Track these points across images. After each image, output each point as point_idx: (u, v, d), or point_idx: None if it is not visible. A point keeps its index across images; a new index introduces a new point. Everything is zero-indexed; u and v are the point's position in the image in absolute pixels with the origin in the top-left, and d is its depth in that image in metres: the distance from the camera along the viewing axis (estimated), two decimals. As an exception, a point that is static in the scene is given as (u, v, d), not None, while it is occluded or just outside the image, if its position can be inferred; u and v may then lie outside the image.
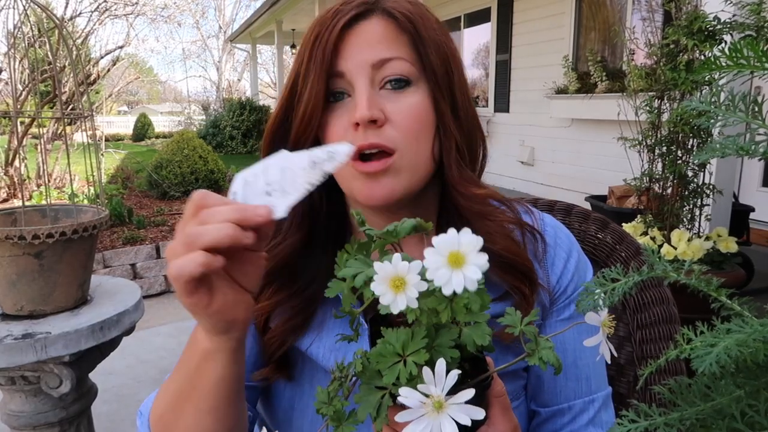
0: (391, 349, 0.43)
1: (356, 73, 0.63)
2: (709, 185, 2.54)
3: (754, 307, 0.39)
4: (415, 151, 0.65)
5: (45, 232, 1.35)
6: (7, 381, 1.40)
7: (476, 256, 0.40)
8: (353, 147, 0.51)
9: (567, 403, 0.71)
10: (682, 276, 0.42)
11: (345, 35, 0.64)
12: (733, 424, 0.35)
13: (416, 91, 0.65)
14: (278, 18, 11.11)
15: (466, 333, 0.44)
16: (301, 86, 0.65)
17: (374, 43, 0.64)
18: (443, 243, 0.41)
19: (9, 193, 5.45)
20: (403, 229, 0.47)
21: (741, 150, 0.38)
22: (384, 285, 0.42)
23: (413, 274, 0.41)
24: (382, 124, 0.63)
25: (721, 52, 0.36)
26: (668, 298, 0.86)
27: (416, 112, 0.64)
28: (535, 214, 0.75)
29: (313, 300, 0.71)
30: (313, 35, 0.65)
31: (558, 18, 5.87)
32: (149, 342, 3.26)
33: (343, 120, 0.65)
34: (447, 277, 0.40)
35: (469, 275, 0.40)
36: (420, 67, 0.65)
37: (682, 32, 2.28)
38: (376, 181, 0.64)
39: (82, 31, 5.96)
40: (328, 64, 0.63)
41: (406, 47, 0.65)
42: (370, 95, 0.63)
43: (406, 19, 0.64)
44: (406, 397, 0.40)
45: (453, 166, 0.67)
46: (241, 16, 25.28)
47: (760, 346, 0.33)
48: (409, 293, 0.41)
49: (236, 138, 11.34)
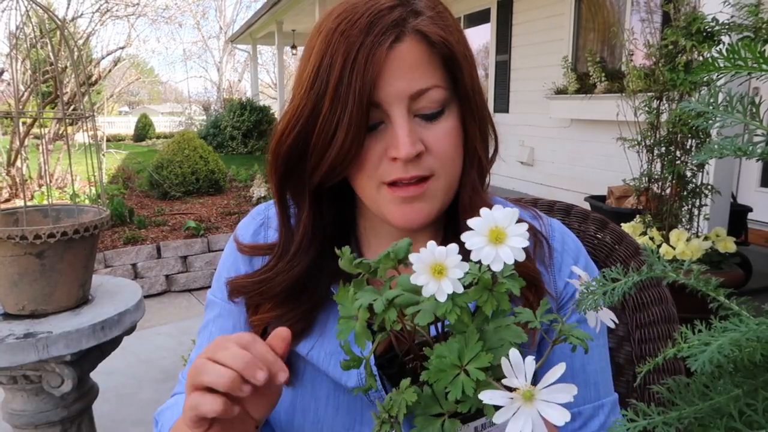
0: (447, 362, 0.41)
1: (393, 104, 0.61)
2: (708, 185, 2.54)
3: (752, 306, 0.40)
4: (451, 172, 0.65)
5: (46, 232, 1.36)
6: (8, 380, 1.40)
7: (515, 227, 0.40)
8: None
9: (576, 408, 0.70)
10: (680, 276, 0.42)
11: (383, 62, 0.60)
12: (731, 423, 0.35)
13: (449, 115, 0.64)
14: (279, 19, 11.11)
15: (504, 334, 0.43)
16: (327, 110, 0.60)
17: (409, 69, 0.60)
18: (480, 223, 0.41)
19: (11, 193, 5.46)
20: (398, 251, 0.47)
21: (739, 150, 0.38)
22: (425, 274, 0.41)
23: (453, 256, 0.40)
24: (422, 155, 0.62)
25: (720, 53, 0.37)
26: (667, 298, 0.86)
27: (451, 138, 0.64)
28: (543, 220, 0.75)
29: (315, 307, 0.71)
30: (341, 55, 0.59)
31: (557, 19, 5.87)
32: (150, 342, 3.26)
33: (378, 149, 0.63)
34: (494, 254, 0.40)
35: (515, 245, 0.40)
36: (452, 90, 0.64)
37: (681, 33, 2.28)
38: (411, 205, 0.64)
39: (84, 31, 5.96)
40: (369, 95, 0.59)
41: (440, 71, 0.62)
42: (410, 129, 0.61)
43: (441, 43, 0.61)
44: (492, 399, 0.37)
45: (468, 188, 0.67)
46: (242, 16, 25.27)
47: (756, 345, 0.34)
48: (452, 275, 0.40)
49: (237, 138, 11.34)
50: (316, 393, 0.72)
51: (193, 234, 4.54)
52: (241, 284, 0.72)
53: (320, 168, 0.63)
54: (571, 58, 5.64)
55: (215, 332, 0.77)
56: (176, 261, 4.32)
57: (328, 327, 0.71)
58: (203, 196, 6.15)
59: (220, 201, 5.94)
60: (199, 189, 6.19)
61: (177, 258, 4.32)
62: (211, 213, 5.30)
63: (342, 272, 0.70)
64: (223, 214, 5.27)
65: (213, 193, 6.32)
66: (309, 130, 0.62)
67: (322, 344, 0.70)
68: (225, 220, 5.04)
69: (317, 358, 0.70)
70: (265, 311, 0.70)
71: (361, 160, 0.63)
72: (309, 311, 0.70)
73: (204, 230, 4.60)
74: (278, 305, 0.70)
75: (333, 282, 0.71)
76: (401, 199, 0.64)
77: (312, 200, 0.68)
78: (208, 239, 4.47)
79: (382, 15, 0.60)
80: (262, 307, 0.71)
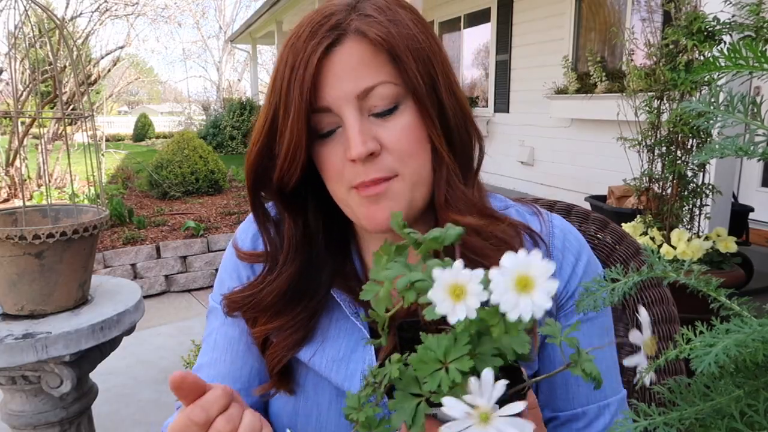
0: (432, 355, 0.41)
1: (342, 106, 0.61)
2: (709, 185, 2.54)
3: (754, 307, 0.40)
4: (414, 169, 0.64)
5: (45, 232, 1.35)
6: (7, 381, 1.40)
7: (546, 282, 0.38)
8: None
9: (581, 408, 0.69)
10: (681, 276, 0.42)
11: (322, 66, 0.61)
12: (732, 424, 0.35)
13: (404, 110, 0.63)
14: (278, 18, 11.11)
15: (506, 341, 0.42)
16: (281, 120, 0.62)
17: (353, 70, 0.61)
18: (512, 264, 0.39)
19: (10, 193, 5.46)
20: (448, 237, 0.46)
21: (740, 150, 0.38)
22: (443, 292, 0.40)
23: (475, 284, 0.39)
24: (379, 153, 0.62)
25: (721, 52, 0.37)
26: (668, 298, 0.86)
27: (408, 134, 0.63)
28: (543, 216, 0.73)
29: (314, 313, 0.70)
30: (288, 66, 0.61)
31: (558, 18, 5.87)
32: (149, 342, 3.26)
33: (338, 153, 0.63)
34: (514, 302, 0.38)
35: (539, 302, 0.38)
36: (404, 85, 0.62)
37: (682, 33, 2.28)
38: (377, 205, 0.63)
39: (83, 31, 5.96)
40: (307, 103, 0.60)
41: (387, 66, 0.62)
42: (361, 128, 0.61)
43: (380, 39, 0.60)
44: (451, 408, 0.37)
45: (442, 185, 0.65)
46: (242, 16, 25.30)
47: (759, 346, 0.33)
48: (470, 302, 0.39)
49: (236, 138, 11.34)
50: (318, 399, 0.72)
51: (192, 234, 4.54)
52: (233, 299, 0.72)
53: (275, 174, 0.65)
54: (572, 58, 5.64)
55: (220, 341, 0.76)
56: (176, 261, 4.31)
57: (330, 333, 0.71)
58: (203, 196, 6.15)
59: (220, 201, 5.94)
60: (198, 189, 6.19)
61: (176, 258, 4.32)
62: (210, 213, 5.30)
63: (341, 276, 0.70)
64: (222, 214, 5.27)
65: (213, 193, 6.32)
66: (271, 140, 0.65)
67: (323, 350, 0.70)
68: (225, 220, 5.04)
69: (319, 365, 0.70)
70: (263, 323, 0.70)
71: (325, 166, 0.64)
72: (308, 319, 0.70)
73: (204, 230, 4.60)
74: (275, 316, 0.69)
75: (332, 286, 0.70)
76: (367, 199, 0.63)
77: (288, 210, 0.69)
78: (207, 239, 4.47)
79: (323, 23, 0.61)
80: (260, 320, 0.70)
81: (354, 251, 0.74)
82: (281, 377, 0.72)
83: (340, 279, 0.71)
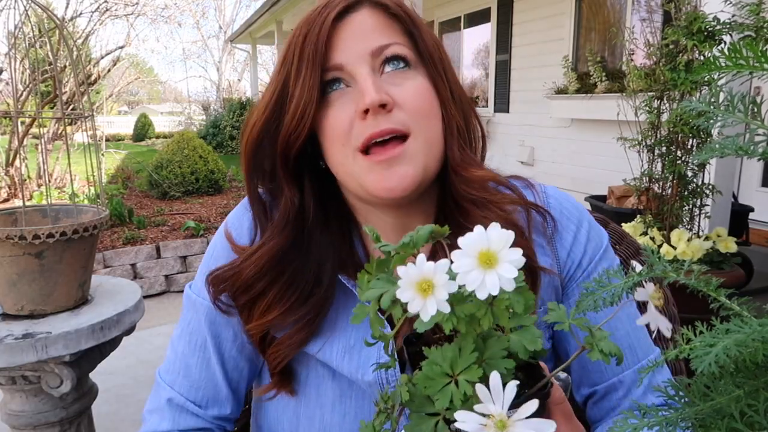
0: (438, 370, 0.39)
1: (356, 63, 0.62)
2: (709, 185, 2.54)
3: (754, 307, 0.40)
4: (427, 131, 0.63)
5: (45, 232, 1.35)
6: (7, 380, 1.40)
7: (509, 252, 0.37)
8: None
9: (616, 378, 0.68)
10: (681, 276, 0.42)
11: (337, 28, 0.62)
12: (732, 424, 0.35)
13: (416, 74, 0.64)
14: (278, 18, 11.11)
15: (515, 339, 0.40)
16: (292, 86, 0.62)
17: (368, 32, 0.63)
18: (471, 242, 0.37)
19: (10, 193, 5.46)
20: (419, 238, 0.43)
21: (740, 150, 0.38)
22: (410, 290, 0.38)
23: (440, 275, 0.38)
24: (392, 108, 0.61)
25: (721, 52, 0.37)
26: (668, 298, 0.86)
27: (421, 94, 0.63)
28: (536, 188, 0.72)
29: (321, 307, 0.67)
30: (301, 35, 0.62)
31: (558, 18, 5.87)
32: (149, 342, 3.26)
33: (347, 110, 0.62)
34: (480, 280, 0.36)
35: (504, 274, 0.36)
36: (416, 52, 0.65)
37: (682, 33, 2.28)
38: (391, 170, 0.61)
39: (83, 31, 5.96)
40: (321, 58, 0.61)
41: (401, 34, 0.64)
42: (375, 80, 0.61)
43: (397, 6, 0.64)
44: (464, 422, 0.35)
45: (455, 147, 0.65)
46: (242, 16, 25.31)
47: (759, 346, 0.33)
48: (439, 295, 0.37)
49: (236, 138, 11.33)
50: (321, 400, 0.70)
51: (192, 234, 4.54)
52: (216, 275, 0.69)
53: (280, 136, 0.64)
54: (572, 58, 5.64)
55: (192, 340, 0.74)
56: (176, 261, 4.31)
57: (339, 323, 0.68)
58: (203, 196, 6.15)
59: (220, 201, 5.94)
60: (198, 189, 6.19)
61: (176, 258, 4.32)
62: (210, 213, 5.30)
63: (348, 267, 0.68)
64: (222, 214, 5.27)
65: (213, 193, 6.32)
66: (277, 109, 0.64)
67: (332, 342, 0.68)
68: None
69: (329, 356, 0.67)
70: (259, 316, 0.67)
71: (328, 124, 0.63)
72: (316, 310, 0.67)
73: (203, 230, 4.60)
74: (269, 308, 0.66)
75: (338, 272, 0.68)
76: (379, 164, 0.61)
77: (288, 183, 0.67)
78: (207, 239, 4.47)
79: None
80: (255, 311, 0.67)
81: (356, 236, 0.72)
82: (282, 377, 0.69)
83: (345, 265, 0.69)
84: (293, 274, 0.66)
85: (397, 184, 0.61)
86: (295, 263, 0.67)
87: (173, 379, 0.75)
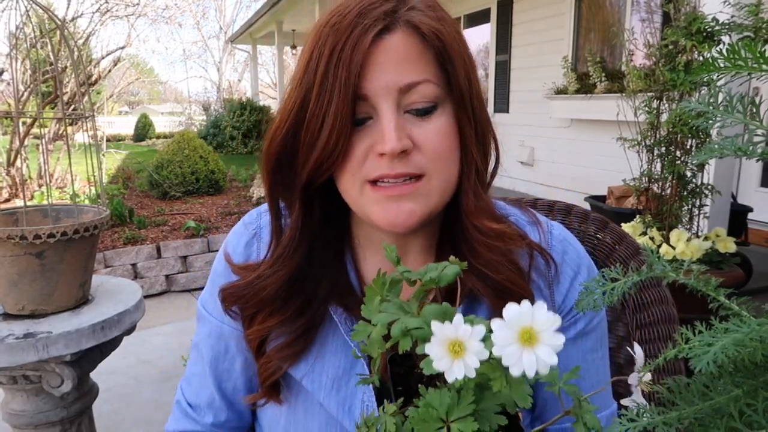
0: (434, 414, 0.38)
1: (381, 97, 0.58)
2: (708, 185, 2.54)
3: (753, 306, 0.40)
4: (442, 172, 0.61)
5: (46, 232, 1.36)
6: (8, 380, 1.40)
7: (552, 336, 0.36)
8: None
9: (570, 423, 0.69)
10: (680, 276, 0.42)
11: (369, 52, 0.57)
12: (731, 423, 0.35)
13: (442, 113, 0.61)
14: (279, 19, 11.11)
15: (506, 394, 0.40)
16: (314, 104, 0.58)
17: (400, 62, 0.58)
18: (515, 316, 0.37)
19: (11, 193, 5.46)
20: (445, 278, 0.43)
21: (739, 150, 0.38)
22: (441, 348, 0.37)
23: (475, 341, 0.37)
24: (410, 152, 0.59)
25: (720, 53, 0.37)
26: (667, 298, 0.86)
27: (444, 137, 0.60)
28: (543, 227, 0.70)
29: (312, 325, 0.67)
30: (328, 47, 0.57)
31: (557, 18, 5.87)
32: (150, 342, 3.26)
33: (364, 143, 0.60)
34: (517, 356, 0.36)
35: (543, 357, 0.36)
36: (446, 87, 0.60)
37: (681, 33, 2.28)
38: (397, 204, 0.60)
39: (84, 31, 5.97)
40: (354, 87, 0.56)
41: (432, 66, 0.60)
42: (398, 124, 0.58)
43: (433, 35, 0.58)
44: None
45: (470, 193, 0.63)
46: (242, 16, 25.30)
47: (757, 346, 0.34)
48: (469, 361, 0.37)
49: (237, 138, 11.34)
50: (309, 425, 0.70)
51: (193, 234, 4.54)
52: (230, 292, 0.69)
53: (308, 163, 0.61)
54: (571, 58, 5.64)
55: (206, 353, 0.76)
56: (176, 261, 4.32)
57: (326, 349, 0.68)
58: (203, 196, 6.15)
59: (220, 201, 5.94)
60: (199, 189, 6.19)
61: (177, 258, 4.32)
62: (211, 213, 5.30)
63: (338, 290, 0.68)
64: (223, 214, 5.27)
65: (213, 193, 6.32)
66: (299, 124, 0.60)
67: (316, 369, 0.68)
68: (225, 220, 5.04)
69: (312, 387, 0.68)
70: (260, 322, 0.68)
71: (346, 157, 0.60)
72: (307, 326, 0.67)
73: (204, 230, 4.60)
74: (271, 315, 0.67)
75: (329, 301, 0.68)
76: (386, 197, 0.60)
77: (302, 201, 0.65)
78: (208, 239, 4.47)
79: (373, 7, 0.58)
80: (257, 318, 0.68)
81: (349, 261, 0.71)
82: (272, 388, 0.70)
83: (337, 294, 0.68)
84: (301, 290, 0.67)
85: (403, 221, 0.61)
86: (305, 280, 0.67)
87: (185, 385, 0.80)
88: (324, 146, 0.59)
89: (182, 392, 0.80)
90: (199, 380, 0.78)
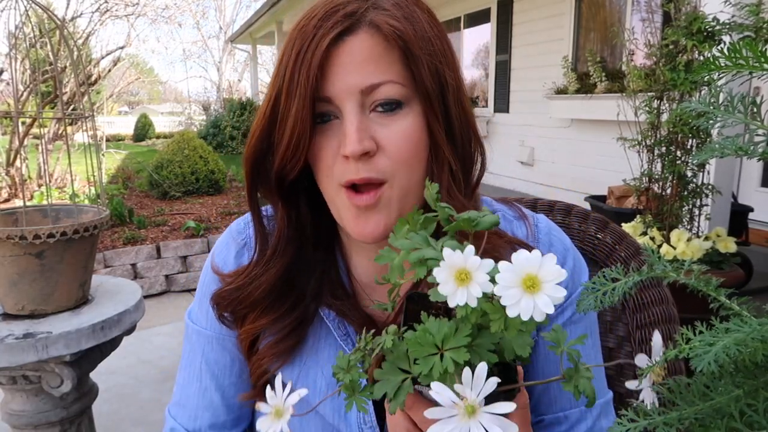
0: (430, 339, 0.40)
1: (344, 99, 0.58)
2: (708, 185, 2.55)
3: (753, 306, 0.40)
4: (407, 178, 0.61)
5: (46, 232, 1.35)
6: (8, 380, 1.40)
7: (553, 288, 0.37)
8: None
9: (563, 413, 0.68)
10: (681, 276, 0.42)
11: (330, 55, 0.58)
12: (731, 424, 0.35)
13: (408, 112, 0.60)
14: (279, 18, 11.11)
15: (507, 340, 0.41)
16: (283, 106, 0.60)
17: (362, 63, 0.58)
18: (522, 262, 0.38)
19: (10, 193, 5.46)
20: (483, 222, 0.44)
21: (740, 150, 0.38)
22: (447, 273, 0.39)
23: (482, 273, 0.38)
24: (374, 154, 0.59)
25: (720, 52, 0.37)
26: (667, 298, 0.86)
27: (409, 138, 0.60)
28: (528, 220, 0.71)
29: (303, 319, 0.68)
30: (294, 50, 0.59)
31: (558, 18, 5.87)
32: (150, 342, 3.26)
33: (332, 146, 0.60)
34: (516, 299, 0.37)
35: (541, 306, 0.37)
36: (412, 87, 0.60)
37: (682, 33, 2.28)
38: (365, 216, 0.61)
39: (83, 31, 5.96)
40: (313, 89, 0.57)
41: (397, 65, 0.59)
42: (360, 125, 0.58)
43: (395, 35, 0.58)
44: (438, 393, 0.37)
45: (443, 193, 0.62)
46: (242, 16, 25.29)
47: (758, 346, 0.34)
48: (472, 290, 0.38)
49: (237, 138, 11.34)
50: (305, 424, 0.70)
51: (192, 234, 4.54)
52: (221, 296, 0.70)
53: (275, 163, 0.62)
54: (572, 58, 5.64)
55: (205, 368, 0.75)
56: (176, 261, 4.31)
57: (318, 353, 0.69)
58: (203, 196, 6.15)
59: (220, 201, 5.94)
60: (198, 189, 6.19)
61: (177, 258, 4.32)
62: (210, 213, 5.30)
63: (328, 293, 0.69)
64: (222, 214, 5.27)
65: (213, 193, 6.32)
66: (272, 125, 0.62)
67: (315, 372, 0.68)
68: (225, 220, 5.04)
69: (312, 389, 0.68)
70: (251, 322, 0.68)
71: (317, 158, 0.61)
72: (298, 323, 0.68)
73: (204, 230, 4.60)
74: (263, 313, 0.68)
75: (321, 303, 0.69)
76: (356, 208, 0.61)
77: (284, 200, 0.66)
78: (207, 239, 4.47)
79: (337, 9, 0.59)
80: (249, 317, 0.68)
81: (339, 258, 0.72)
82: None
83: (328, 289, 0.69)
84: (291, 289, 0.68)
85: (370, 232, 0.61)
86: (295, 279, 0.68)
87: (176, 411, 0.77)
88: (286, 146, 0.60)
89: (174, 420, 0.76)
90: (196, 401, 0.74)
